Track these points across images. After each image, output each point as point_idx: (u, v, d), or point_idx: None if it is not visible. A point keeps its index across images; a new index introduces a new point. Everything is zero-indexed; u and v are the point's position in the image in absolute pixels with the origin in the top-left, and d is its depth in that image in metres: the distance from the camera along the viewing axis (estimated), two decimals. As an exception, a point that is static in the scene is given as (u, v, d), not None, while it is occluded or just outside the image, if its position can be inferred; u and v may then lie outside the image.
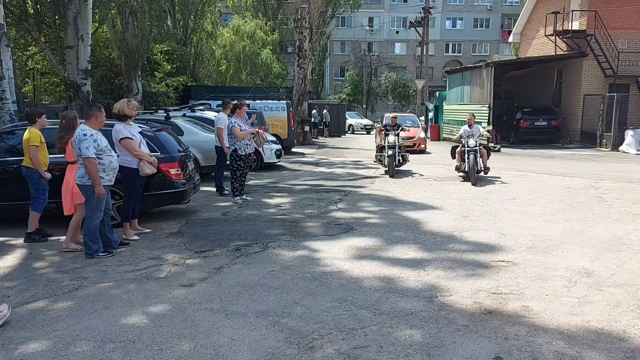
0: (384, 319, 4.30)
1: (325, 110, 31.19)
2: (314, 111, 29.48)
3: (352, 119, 38.68)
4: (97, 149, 5.94)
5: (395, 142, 12.94)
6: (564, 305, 4.59)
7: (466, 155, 11.70)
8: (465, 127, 12.37)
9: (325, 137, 30.51)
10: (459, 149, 12.13)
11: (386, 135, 13.28)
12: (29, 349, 3.81)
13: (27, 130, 6.77)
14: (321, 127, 30.71)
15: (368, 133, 36.06)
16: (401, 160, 13.17)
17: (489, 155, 12.35)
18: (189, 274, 5.50)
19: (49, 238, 6.93)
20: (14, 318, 4.37)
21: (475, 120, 13.77)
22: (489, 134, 13.11)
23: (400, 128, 13.55)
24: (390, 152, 12.76)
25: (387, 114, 22.37)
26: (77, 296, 4.89)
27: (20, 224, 7.09)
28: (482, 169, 11.73)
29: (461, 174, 12.30)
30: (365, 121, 39.69)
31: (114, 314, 4.45)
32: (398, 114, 25.84)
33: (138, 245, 6.65)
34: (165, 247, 6.55)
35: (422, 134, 21.15)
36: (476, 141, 11.77)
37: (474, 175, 11.32)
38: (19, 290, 5.07)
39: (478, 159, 11.54)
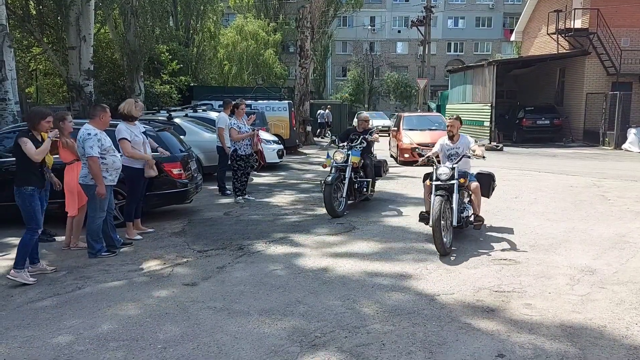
0: (386, 317, 4.30)
1: (327, 110, 31.14)
2: (319, 111, 29.46)
3: (372, 120, 36.47)
4: (101, 148, 5.96)
5: (345, 162, 8.31)
6: (566, 303, 4.59)
7: (432, 197, 6.20)
8: (444, 139, 7.13)
9: (327, 137, 30.47)
10: (427, 181, 6.74)
11: (337, 147, 8.71)
12: (32, 348, 3.83)
13: None
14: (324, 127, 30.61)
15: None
16: (364, 191, 8.65)
17: (489, 190, 7.28)
18: (191, 273, 5.51)
19: (55, 239, 6.95)
20: (16, 317, 4.39)
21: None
22: (481, 153, 6.76)
23: (361, 138, 8.82)
24: (329, 179, 7.99)
25: (406, 114, 18.96)
26: (80, 295, 4.91)
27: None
28: (469, 220, 6.66)
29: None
30: (382, 122, 34.73)
31: (118, 312, 4.46)
32: (413, 114, 20.43)
33: (141, 244, 6.67)
34: (168, 247, 6.56)
35: None
36: (454, 168, 6.37)
37: (440, 238, 5.84)
38: (22, 289, 5.09)
39: (455, 205, 6.19)
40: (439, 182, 6.29)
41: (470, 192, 6.84)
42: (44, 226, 6.88)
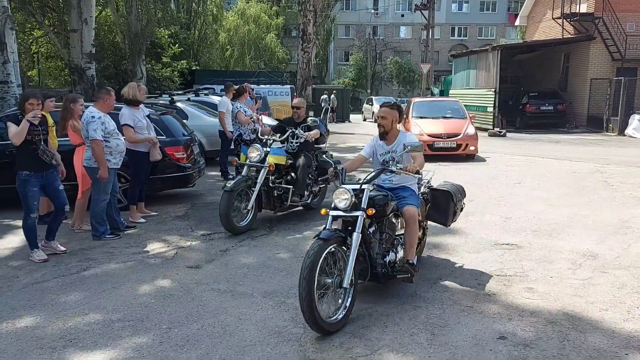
0: (388, 299, 4.33)
1: (332, 95, 30.92)
2: (323, 96, 29.32)
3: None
4: (104, 131, 5.96)
5: (261, 162, 6.46)
6: (568, 287, 4.61)
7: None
8: (376, 138, 4.77)
9: (333, 122, 30.31)
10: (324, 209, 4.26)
11: (249, 142, 7.23)
12: (39, 328, 3.87)
13: None
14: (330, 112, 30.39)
15: None
16: (287, 201, 6.75)
17: (447, 215, 5.21)
18: (195, 256, 5.55)
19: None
20: (23, 297, 4.44)
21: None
22: (414, 167, 4.16)
23: (289, 132, 7.02)
24: (229, 185, 6.29)
25: (417, 99, 16.36)
26: (85, 277, 4.95)
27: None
28: (396, 267, 4.32)
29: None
30: None
31: (122, 294, 4.50)
32: (425, 99, 17.78)
33: (145, 228, 6.70)
34: (172, 230, 6.59)
35: (472, 129, 13.31)
36: (362, 190, 4.09)
37: (311, 309, 3.54)
38: (28, 270, 5.13)
39: (352, 252, 3.84)
40: (337, 212, 4.03)
41: (403, 225, 4.48)
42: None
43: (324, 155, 7.57)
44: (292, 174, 6.89)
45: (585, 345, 3.55)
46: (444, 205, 5.12)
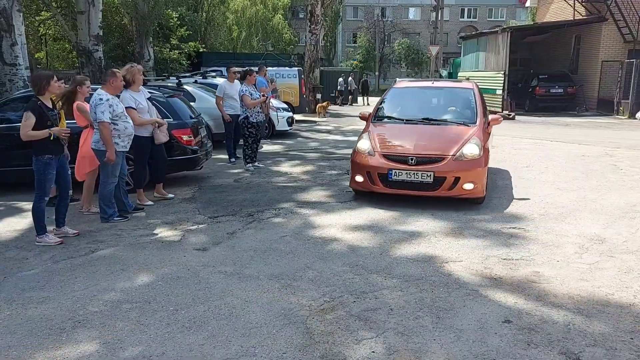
0: (394, 283, 4.35)
1: (350, 78, 30.74)
2: (340, 79, 29.41)
3: None
4: (112, 114, 5.96)
5: None
6: (574, 271, 4.60)
7: None
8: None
9: (348, 104, 30.12)
10: None
11: None
12: (48, 309, 3.93)
13: None
14: (344, 95, 30.27)
15: None
16: None
17: None
18: (202, 239, 5.58)
19: (71, 203, 7.02)
20: (32, 279, 4.50)
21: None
22: None
23: None
24: None
25: (399, 84, 9.29)
26: (93, 259, 5.00)
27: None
28: None
29: None
30: None
31: (130, 276, 4.55)
32: (412, 83, 10.02)
33: (152, 210, 6.74)
34: (179, 213, 6.63)
35: (473, 148, 6.68)
36: None
37: None
38: (37, 252, 5.19)
39: None
40: None
41: None
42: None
43: None
44: None
45: (591, 330, 3.55)
46: None
